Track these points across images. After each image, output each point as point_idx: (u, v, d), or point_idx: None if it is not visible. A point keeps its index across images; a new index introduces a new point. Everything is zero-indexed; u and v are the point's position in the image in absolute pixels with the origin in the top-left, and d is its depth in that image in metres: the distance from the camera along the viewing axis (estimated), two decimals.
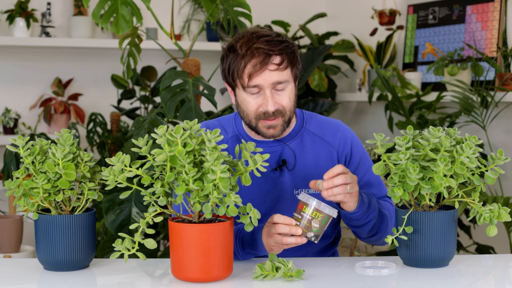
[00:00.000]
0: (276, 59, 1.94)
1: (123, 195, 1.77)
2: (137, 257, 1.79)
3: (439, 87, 3.86)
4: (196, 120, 1.74)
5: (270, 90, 1.96)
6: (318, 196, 2.04)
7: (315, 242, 1.84)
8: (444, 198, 1.85)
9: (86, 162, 1.84)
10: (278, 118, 1.98)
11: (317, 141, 2.09)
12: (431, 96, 3.75)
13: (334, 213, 1.82)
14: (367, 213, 1.96)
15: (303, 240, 1.83)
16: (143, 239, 1.74)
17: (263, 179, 2.04)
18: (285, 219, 1.83)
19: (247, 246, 1.96)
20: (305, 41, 4.65)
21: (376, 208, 1.98)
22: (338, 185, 1.84)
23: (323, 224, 1.82)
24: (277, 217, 1.85)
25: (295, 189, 2.05)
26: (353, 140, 2.11)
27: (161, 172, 1.75)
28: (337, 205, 1.94)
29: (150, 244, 1.73)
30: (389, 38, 4.21)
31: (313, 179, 2.04)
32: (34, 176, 1.79)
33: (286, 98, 1.98)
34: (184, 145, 1.69)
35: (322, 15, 4.38)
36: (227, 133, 2.11)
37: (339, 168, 1.84)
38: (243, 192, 1.98)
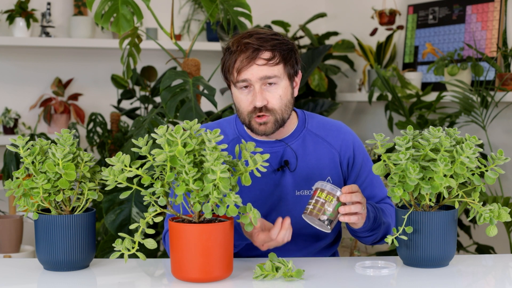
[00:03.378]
0: (266, 54, 1.94)
1: (123, 195, 1.77)
2: (137, 257, 1.79)
3: (439, 87, 3.86)
4: (196, 120, 1.74)
5: (260, 85, 1.95)
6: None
7: (328, 227, 1.84)
8: (444, 198, 1.85)
9: (86, 162, 1.84)
10: (268, 116, 1.98)
11: (319, 142, 2.09)
12: (431, 96, 3.75)
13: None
14: (372, 227, 1.99)
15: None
16: (143, 239, 1.74)
17: (264, 180, 2.03)
18: (267, 236, 1.87)
19: (236, 239, 1.96)
20: (305, 41, 4.65)
21: (381, 222, 2.02)
22: (355, 202, 1.86)
23: (336, 209, 1.84)
24: (261, 236, 1.88)
25: (297, 190, 2.05)
26: (355, 142, 2.11)
27: (161, 172, 1.75)
28: (346, 223, 1.96)
29: (150, 244, 1.73)
30: (389, 38, 4.21)
31: (315, 180, 2.05)
32: (34, 176, 1.79)
33: (277, 95, 1.97)
34: (184, 145, 1.69)
35: (322, 15, 4.38)
36: (228, 136, 2.10)
37: (356, 186, 1.88)
38: (245, 193, 1.98)
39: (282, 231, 1.86)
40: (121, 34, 2.70)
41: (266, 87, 1.96)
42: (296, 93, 2.05)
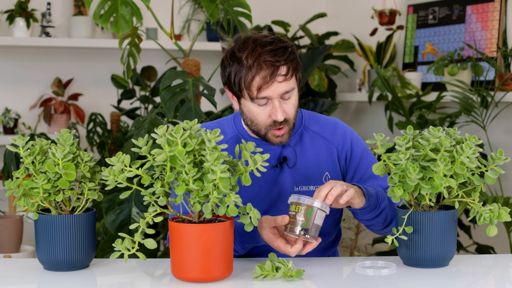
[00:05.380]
0: (283, 70, 1.95)
1: (123, 195, 1.77)
2: (137, 257, 1.79)
3: (439, 87, 3.86)
4: (196, 120, 1.74)
5: (278, 100, 1.97)
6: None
7: (307, 236, 1.83)
8: (444, 198, 1.85)
9: (86, 162, 1.84)
10: (284, 127, 2.00)
11: (317, 138, 2.10)
12: (431, 96, 3.75)
13: (315, 203, 1.82)
14: (378, 203, 1.97)
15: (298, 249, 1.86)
16: (143, 239, 1.74)
17: (263, 177, 2.04)
18: (285, 248, 1.85)
19: (247, 242, 1.96)
20: (305, 41, 4.65)
21: (385, 197, 2.01)
22: (328, 190, 1.86)
23: (309, 216, 1.82)
24: (278, 243, 1.86)
25: (296, 186, 2.06)
26: (352, 136, 2.12)
27: (161, 172, 1.75)
28: (348, 206, 1.96)
29: (150, 244, 1.73)
30: (389, 38, 4.21)
31: (314, 176, 2.05)
32: (34, 176, 1.79)
33: (291, 106, 2.00)
34: (184, 145, 1.69)
35: (322, 15, 4.38)
36: (227, 134, 2.11)
37: (326, 185, 1.88)
38: (244, 190, 1.99)
39: (302, 252, 1.87)
40: (120, 35, 2.70)
41: (283, 100, 1.98)
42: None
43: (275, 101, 1.96)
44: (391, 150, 1.92)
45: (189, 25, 4.48)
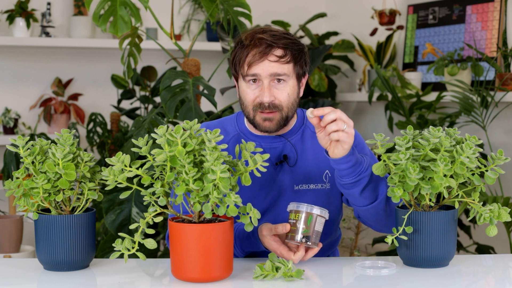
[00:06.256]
0: (278, 52, 1.96)
1: (123, 195, 1.77)
2: (137, 257, 1.79)
3: (439, 87, 3.86)
4: (196, 120, 1.74)
5: (269, 81, 1.97)
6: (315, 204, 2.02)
7: (309, 243, 1.84)
8: (444, 198, 1.85)
9: (86, 162, 1.84)
10: (275, 112, 1.99)
11: (316, 137, 2.10)
12: (431, 96, 3.75)
13: (314, 210, 1.83)
14: (361, 165, 1.91)
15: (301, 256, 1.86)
16: (143, 239, 1.74)
17: (264, 175, 2.04)
18: (288, 255, 1.85)
19: (247, 247, 1.97)
20: (305, 41, 4.65)
21: (369, 168, 1.93)
22: (332, 120, 1.84)
23: (309, 224, 1.83)
24: (281, 251, 1.86)
25: (295, 185, 2.06)
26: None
27: (161, 172, 1.75)
28: (326, 154, 1.91)
29: (150, 244, 1.73)
30: (389, 38, 4.21)
31: (314, 175, 2.05)
32: (34, 176, 1.79)
33: (285, 93, 1.99)
34: (184, 145, 1.69)
35: (322, 15, 4.38)
36: (229, 133, 2.11)
37: (328, 108, 1.85)
38: (244, 189, 1.99)
39: (304, 258, 1.87)
40: (119, 36, 2.70)
41: (275, 84, 1.98)
42: (301, 94, 2.07)
43: (264, 81, 1.97)
44: (391, 150, 1.92)
45: (189, 25, 4.48)
